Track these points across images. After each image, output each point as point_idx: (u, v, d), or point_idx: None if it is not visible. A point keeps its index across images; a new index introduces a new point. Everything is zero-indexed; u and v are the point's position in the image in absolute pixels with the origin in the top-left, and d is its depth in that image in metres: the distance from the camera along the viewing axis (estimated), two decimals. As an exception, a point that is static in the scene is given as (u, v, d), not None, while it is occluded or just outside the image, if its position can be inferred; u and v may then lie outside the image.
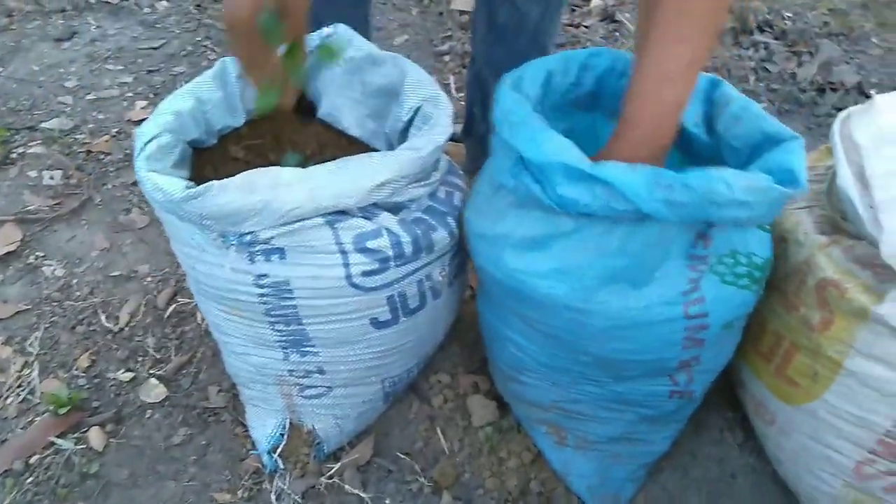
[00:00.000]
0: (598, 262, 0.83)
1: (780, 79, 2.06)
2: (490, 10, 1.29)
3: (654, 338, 0.86)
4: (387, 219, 0.91)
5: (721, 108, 0.92)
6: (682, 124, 0.96)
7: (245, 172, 0.84)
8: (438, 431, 1.13)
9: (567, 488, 1.06)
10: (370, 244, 0.89)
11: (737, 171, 0.72)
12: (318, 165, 0.86)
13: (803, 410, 0.96)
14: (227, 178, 1.06)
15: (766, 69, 2.09)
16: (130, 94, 1.87)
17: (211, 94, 1.02)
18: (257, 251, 0.88)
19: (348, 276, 0.90)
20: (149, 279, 1.36)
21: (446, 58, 2.12)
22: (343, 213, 0.89)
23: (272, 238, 0.87)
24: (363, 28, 1.36)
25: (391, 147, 1.08)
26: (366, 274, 0.91)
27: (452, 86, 1.99)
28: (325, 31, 1.10)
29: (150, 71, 1.96)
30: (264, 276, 0.90)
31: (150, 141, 0.91)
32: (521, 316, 0.94)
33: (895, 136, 0.85)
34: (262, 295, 0.92)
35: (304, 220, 0.86)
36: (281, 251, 0.89)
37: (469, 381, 1.19)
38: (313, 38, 1.08)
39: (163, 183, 0.83)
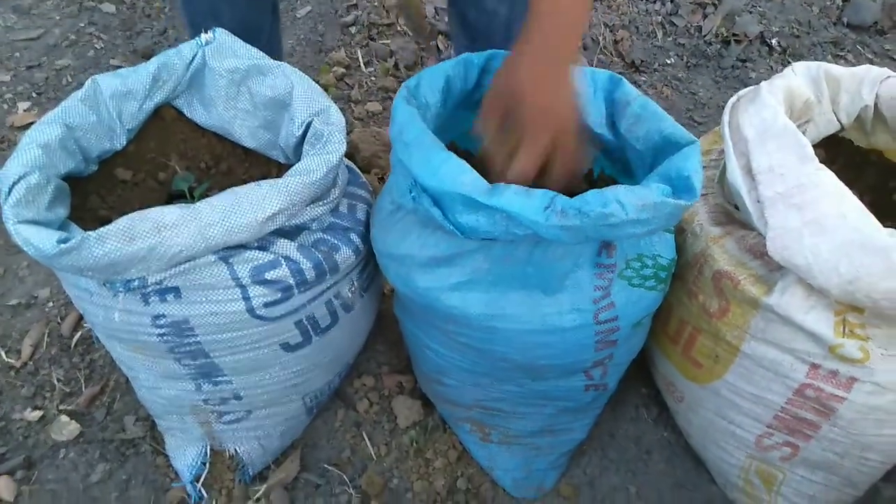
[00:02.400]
0: (506, 271, 0.84)
1: (687, 32, 2.08)
2: (459, 10, 1.25)
3: (567, 343, 0.88)
4: (284, 246, 0.88)
5: (622, 108, 0.92)
6: (588, 125, 0.95)
7: (124, 218, 0.79)
8: (365, 437, 1.13)
9: (493, 482, 1.09)
10: (269, 275, 0.86)
11: (631, 189, 0.73)
12: (205, 201, 0.82)
13: (708, 389, 1.00)
14: (115, 204, 1.02)
15: (673, 23, 2.10)
16: (10, 96, 1.72)
17: (82, 118, 0.94)
18: (150, 292, 0.84)
19: (250, 310, 0.87)
20: (50, 304, 1.29)
21: (353, 29, 2.03)
22: (238, 245, 0.86)
23: (164, 279, 0.83)
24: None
25: (288, 158, 1.04)
26: (268, 305, 0.88)
27: (361, 59, 1.92)
28: (204, 37, 1.03)
29: (29, 66, 1.81)
30: (161, 316, 0.86)
31: (15, 183, 0.83)
32: (438, 328, 0.94)
33: (779, 128, 0.87)
34: (161, 335, 0.88)
35: (195, 259, 0.82)
36: (176, 290, 0.85)
37: (394, 381, 1.20)
38: (191, 46, 1.01)
39: (33, 237, 0.77)
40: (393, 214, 0.91)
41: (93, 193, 1.00)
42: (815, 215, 0.80)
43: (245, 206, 0.82)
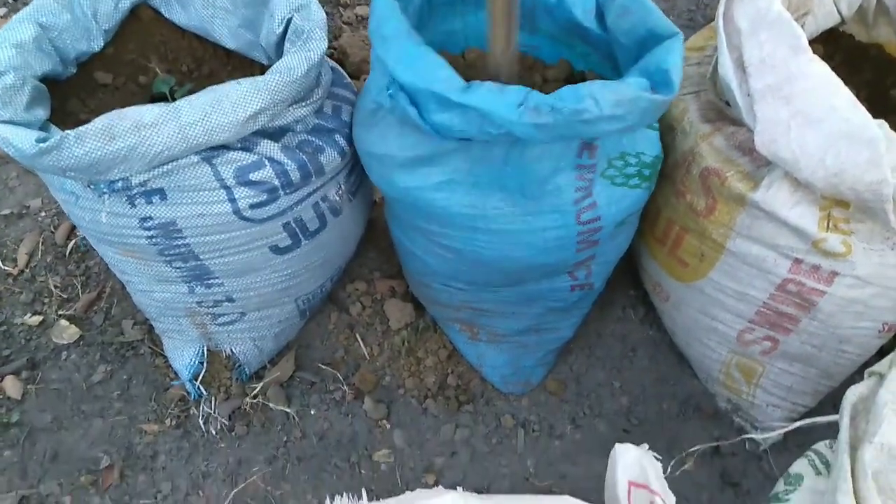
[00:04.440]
0: (485, 171, 0.83)
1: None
2: None
3: (548, 244, 0.88)
4: (268, 147, 0.88)
5: (610, 0, 0.89)
6: (576, 18, 0.93)
7: (103, 116, 0.78)
8: (358, 338, 1.16)
9: (482, 379, 1.13)
10: (253, 176, 0.86)
11: (607, 85, 0.71)
12: (184, 99, 0.81)
13: (693, 287, 1.02)
14: (96, 107, 1.01)
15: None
16: (-15, 1, 1.67)
17: (56, 17, 0.91)
18: (135, 194, 0.84)
19: (236, 211, 0.88)
20: (43, 214, 1.30)
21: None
22: (221, 146, 0.85)
23: (148, 181, 0.83)
24: None
25: (271, 59, 1.01)
26: (254, 206, 0.88)
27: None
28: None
29: (3, -31, 1.74)
30: (148, 218, 0.87)
31: (-9, 83, 0.82)
32: (422, 230, 0.95)
33: (773, 18, 0.83)
34: (150, 237, 0.89)
35: (177, 160, 0.82)
36: (161, 192, 0.85)
37: (386, 286, 1.22)
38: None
39: (12, 137, 0.77)
40: (373, 113, 0.89)
41: (73, 97, 0.98)
42: (803, 106, 0.79)
43: (225, 105, 0.81)
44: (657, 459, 0.64)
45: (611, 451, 0.61)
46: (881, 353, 1.00)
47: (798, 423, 0.71)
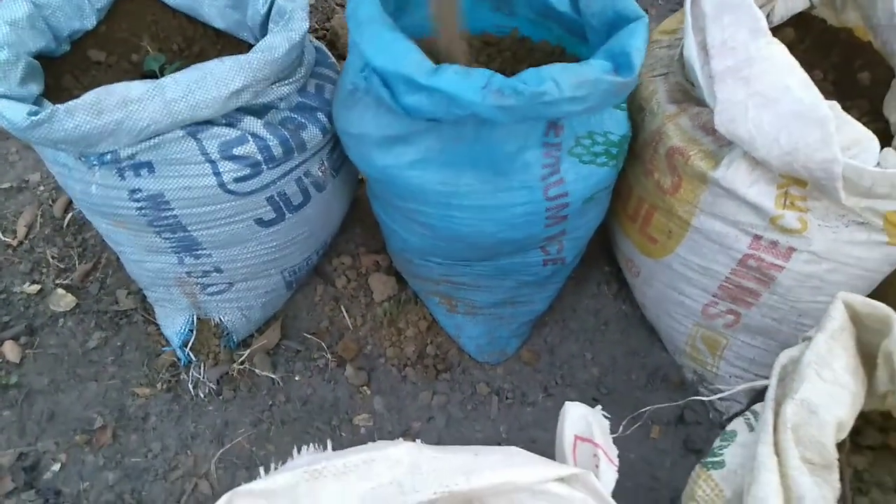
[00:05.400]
0: (457, 150, 0.87)
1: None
2: None
3: (518, 219, 0.92)
4: (251, 123, 0.92)
5: None
6: (550, 2, 0.96)
7: (91, 92, 0.82)
8: (343, 310, 1.21)
9: (459, 349, 1.17)
10: (237, 151, 0.90)
11: (569, 67, 0.74)
12: (170, 76, 0.85)
13: (661, 263, 1.06)
14: (90, 84, 1.05)
15: None
16: (-15, -20, 1.70)
17: (49, -4, 0.95)
18: (124, 167, 0.89)
19: (221, 184, 0.92)
20: (41, 188, 1.34)
21: None
22: (206, 121, 0.89)
23: (136, 154, 0.87)
24: None
25: (258, 39, 1.05)
26: (238, 180, 0.93)
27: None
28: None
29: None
30: (137, 190, 0.91)
31: (-14, 59, 0.86)
32: (400, 208, 0.99)
33: (736, 2, 0.86)
34: (140, 208, 0.93)
35: (163, 134, 0.86)
36: (149, 165, 0.89)
37: (370, 260, 1.26)
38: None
39: (5, 110, 0.81)
40: (352, 94, 0.93)
41: (67, 74, 1.02)
42: (760, 88, 0.82)
43: (209, 82, 0.85)
44: (606, 418, 0.69)
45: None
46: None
47: (742, 387, 0.76)
